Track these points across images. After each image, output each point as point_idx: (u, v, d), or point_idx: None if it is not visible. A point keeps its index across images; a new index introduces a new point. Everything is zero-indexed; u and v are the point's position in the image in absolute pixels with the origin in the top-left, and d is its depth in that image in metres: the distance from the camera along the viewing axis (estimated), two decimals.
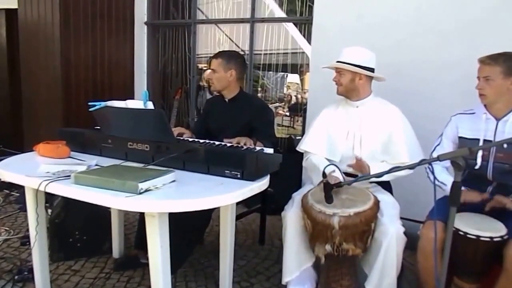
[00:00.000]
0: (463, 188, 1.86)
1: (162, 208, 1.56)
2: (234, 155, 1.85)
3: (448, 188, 2.00)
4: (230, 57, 2.60)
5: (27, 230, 2.88)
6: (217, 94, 2.73)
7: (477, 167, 2.01)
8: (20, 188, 3.66)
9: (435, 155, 2.16)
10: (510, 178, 2.00)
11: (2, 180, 3.31)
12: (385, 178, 2.17)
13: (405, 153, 2.16)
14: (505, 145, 1.94)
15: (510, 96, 1.96)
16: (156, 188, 1.61)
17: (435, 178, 1.68)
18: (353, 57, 2.20)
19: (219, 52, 2.68)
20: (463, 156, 1.42)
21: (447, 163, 2.06)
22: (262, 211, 3.04)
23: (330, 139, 2.34)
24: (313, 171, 2.32)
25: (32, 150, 2.23)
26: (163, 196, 1.57)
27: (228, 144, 2.13)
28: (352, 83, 2.23)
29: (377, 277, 2.00)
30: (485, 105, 2.03)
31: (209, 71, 2.61)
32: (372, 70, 2.23)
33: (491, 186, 2.04)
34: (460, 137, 2.10)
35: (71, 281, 2.46)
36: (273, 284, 2.50)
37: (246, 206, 3.09)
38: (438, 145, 2.19)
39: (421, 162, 1.57)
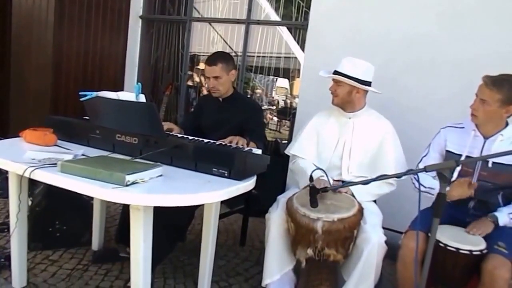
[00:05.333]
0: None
1: (148, 201, 1.56)
2: (222, 153, 1.86)
3: (436, 191, 1.99)
4: (226, 58, 2.58)
5: (6, 216, 2.84)
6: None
7: (452, 179, 2.01)
8: (2, 174, 3.59)
9: (421, 166, 2.19)
10: (491, 196, 2.02)
11: None
12: (368, 197, 2.22)
13: (392, 170, 2.17)
14: (490, 165, 1.96)
15: (502, 121, 1.98)
16: (143, 181, 1.61)
17: (420, 185, 1.69)
18: (353, 69, 2.18)
19: (213, 57, 2.57)
20: (450, 168, 1.45)
21: (433, 173, 2.10)
22: (245, 212, 3.04)
23: (319, 146, 2.36)
24: (299, 175, 2.34)
25: (17, 136, 2.20)
26: (149, 190, 1.57)
27: (218, 142, 2.13)
28: (349, 96, 2.23)
29: (354, 284, 2.01)
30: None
31: (210, 79, 2.56)
32: (369, 83, 2.23)
33: (473, 202, 2.07)
34: (447, 151, 2.12)
35: (48, 271, 2.42)
36: (251, 285, 2.51)
37: (228, 207, 3.09)
38: (424, 156, 2.21)
39: (407, 172, 1.59)
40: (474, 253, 1.82)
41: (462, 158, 2.02)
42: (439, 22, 2.97)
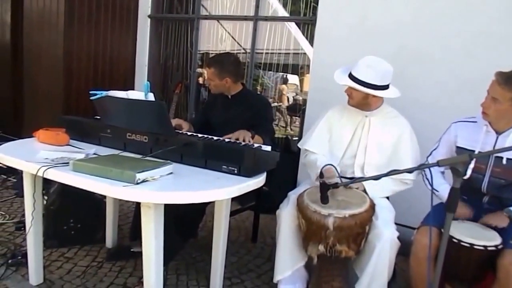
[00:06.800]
0: None
1: (158, 199, 1.57)
2: (232, 150, 1.86)
3: (440, 194, 2.02)
4: (222, 65, 2.54)
5: (22, 215, 2.89)
6: None
7: (466, 177, 1.96)
8: (17, 174, 3.66)
9: (430, 159, 2.17)
10: (504, 192, 1.99)
11: (1, 165, 3.32)
12: (382, 193, 2.20)
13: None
14: (504, 161, 1.92)
15: None
16: (154, 179, 1.62)
17: (431, 183, 1.67)
18: (369, 75, 2.09)
19: (211, 59, 2.61)
20: (463, 162, 1.43)
21: (443, 167, 2.07)
22: (256, 209, 3.05)
23: (331, 143, 2.33)
24: (311, 168, 2.32)
25: (30, 137, 2.23)
26: (160, 187, 1.58)
27: (227, 140, 2.14)
28: (365, 100, 2.19)
29: (368, 280, 1.99)
30: None
31: (206, 75, 2.59)
32: (387, 86, 2.16)
33: (487, 197, 2.04)
34: (458, 147, 2.08)
35: (64, 268, 2.46)
36: (263, 281, 2.51)
37: (239, 204, 3.10)
38: (434, 150, 2.19)
39: (420, 167, 1.57)
40: (489, 248, 1.79)
41: (476, 153, 1.97)
42: (447, 12, 2.93)
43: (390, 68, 2.15)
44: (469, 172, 1.98)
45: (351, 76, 2.15)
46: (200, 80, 4.89)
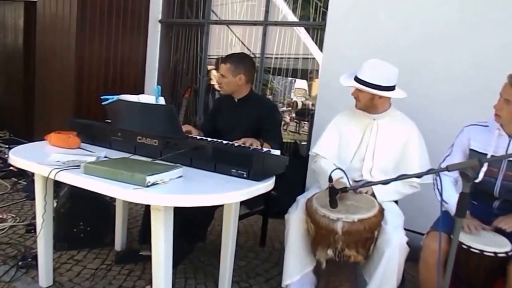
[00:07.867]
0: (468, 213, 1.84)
1: (168, 202, 1.58)
2: (241, 154, 1.87)
3: (449, 207, 1.97)
4: (238, 61, 2.58)
5: (33, 218, 2.93)
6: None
7: (477, 180, 1.96)
8: (28, 177, 3.70)
9: (444, 165, 2.15)
10: None
11: (12, 167, 3.37)
12: (390, 197, 2.19)
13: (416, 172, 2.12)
14: None
15: None
16: (163, 182, 1.63)
17: (441, 194, 1.65)
18: (374, 75, 2.11)
19: (228, 56, 2.65)
20: (472, 167, 1.41)
21: (456, 173, 2.05)
22: (265, 213, 3.05)
23: (340, 146, 2.33)
24: (321, 175, 2.32)
25: (42, 140, 2.26)
26: (169, 190, 1.59)
27: (236, 144, 2.15)
28: (371, 102, 2.19)
29: (376, 286, 1.99)
30: None
31: (218, 74, 2.61)
32: (393, 87, 2.16)
33: (498, 201, 2.02)
34: (471, 149, 2.06)
35: (73, 270, 2.48)
36: (271, 286, 2.51)
37: (248, 208, 3.10)
38: (448, 155, 2.16)
39: (428, 172, 1.57)
40: (499, 255, 1.77)
41: (488, 157, 1.97)
42: (456, 21, 2.91)
43: (395, 70, 2.16)
44: (481, 175, 1.98)
45: (356, 79, 2.17)
46: (213, 78, 4.89)
